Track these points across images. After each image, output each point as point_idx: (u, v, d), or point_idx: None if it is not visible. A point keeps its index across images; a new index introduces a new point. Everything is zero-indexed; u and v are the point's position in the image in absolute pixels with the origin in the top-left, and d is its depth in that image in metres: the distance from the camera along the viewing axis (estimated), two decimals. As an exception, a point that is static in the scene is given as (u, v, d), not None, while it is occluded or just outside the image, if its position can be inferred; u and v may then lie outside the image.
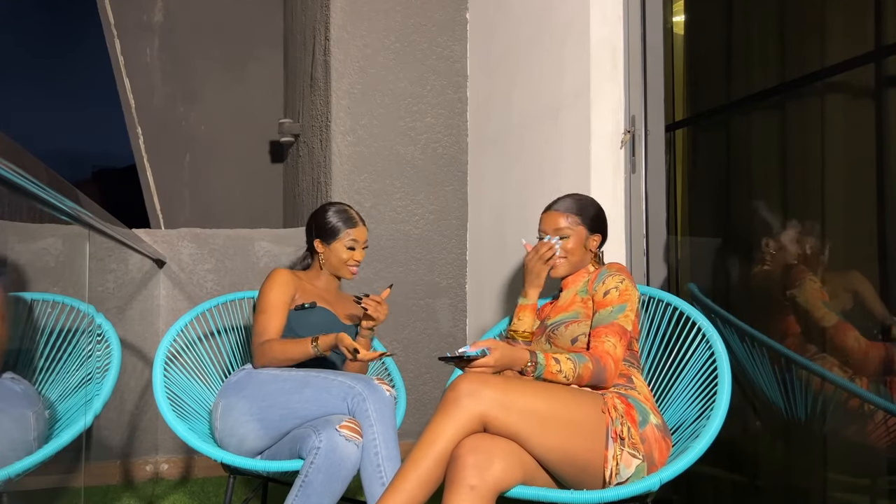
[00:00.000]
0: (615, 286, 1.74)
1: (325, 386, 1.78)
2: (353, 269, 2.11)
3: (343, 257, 2.08)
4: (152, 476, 2.75)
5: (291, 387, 1.81)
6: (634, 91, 2.20)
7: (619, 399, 1.58)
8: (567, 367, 1.59)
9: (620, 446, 1.50)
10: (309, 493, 1.64)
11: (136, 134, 4.29)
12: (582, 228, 1.87)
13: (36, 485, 1.80)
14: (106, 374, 1.91)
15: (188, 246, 2.82)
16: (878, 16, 1.70)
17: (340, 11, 2.98)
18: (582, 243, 1.87)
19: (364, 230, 2.12)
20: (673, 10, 2.28)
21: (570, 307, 1.81)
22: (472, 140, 3.12)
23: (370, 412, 1.73)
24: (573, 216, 1.87)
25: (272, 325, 1.95)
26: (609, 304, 1.72)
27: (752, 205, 2.05)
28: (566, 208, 1.88)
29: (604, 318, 1.71)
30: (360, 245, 2.11)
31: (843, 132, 1.83)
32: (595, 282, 1.79)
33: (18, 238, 2.30)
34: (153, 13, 4.32)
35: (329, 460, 1.65)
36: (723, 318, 2.02)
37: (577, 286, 1.86)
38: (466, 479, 1.39)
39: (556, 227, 1.87)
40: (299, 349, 1.87)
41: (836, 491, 1.83)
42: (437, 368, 3.05)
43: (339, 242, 2.08)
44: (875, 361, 1.69)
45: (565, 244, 1.85)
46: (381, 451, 1.70)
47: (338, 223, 2.08)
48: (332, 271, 2.12)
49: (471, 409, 1.46)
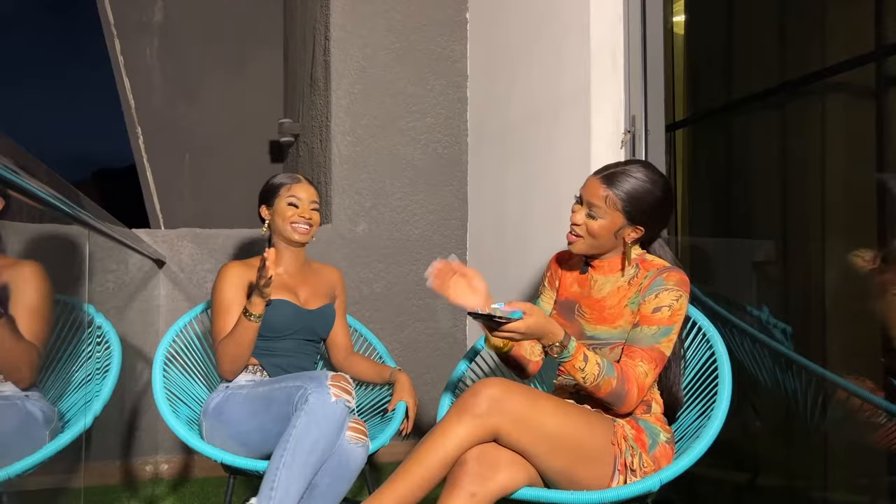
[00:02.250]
0: (668, 304, 1.52)
1: (285, 398, 1.69)
2: (301, 227, 1.94)
3: (286, 214, 1.93)
4: (152, 476, 2.75)
5: (260, 407, 1.74)
6: (634, 91, 2.20)
7: (629, 424, 1.54)
8: (591, 372, 1.46)
9: (631, 476, 1.48)
10: (316, 494, 1.64)
11: (136, 134, 4.29)
12: (618, 215, 1.56)
13: (36, 485, 1.79)
14: (106, 375, 1.91)
15: (188, 246, 2.82)
16: (878, 16, 1.70)
17: (340, 11, 2.98)
18: (611, 232, 1.58)
19: (310, 188, 1.97)
20: (673, 10, 2.28)
21: (617, 321, 1.58)
22: (472, 140, 3.12)
23: (303, 410, 1.62)
24: (614, 199, 1.55)
25: (226, 322, 1.86)
26: (656, 324, 1.52)
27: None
28: (612, 183, 1.56)
29: (645, 338, 1.52)
30: (304, 202, 1.94)
31: (844, 132, 1.82)
32: (647, 290, 1.55)
33: (18, 238, 2.30)
34: (153, 13, 4.32)
35: (336, 462, 1.65)
36: (723, 319, 2.01)
37: (617, 278, 1.63)
38: (468, 486, 1.38)
39: (589, 201, 1.59)
40: (241, 330, 1.78)
41: (837, 491, 1.83)
42: (437, 368, 3.05)
43: (281, 200, 1.94)
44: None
45: (590, 224, 1.58)
46: (286, 452, 1.58)
47: (277, 181, 1.97)
48: (281, 237, 1.97)
49: (487, 420, 1.41)
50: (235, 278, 1.90)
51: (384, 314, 2.99)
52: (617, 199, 1.55)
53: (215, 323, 1.88)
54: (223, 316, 1.87)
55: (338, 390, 1.65)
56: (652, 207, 1.57)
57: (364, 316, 2.93)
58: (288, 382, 1.74)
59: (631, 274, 1.62)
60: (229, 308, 1.87)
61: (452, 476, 1.41)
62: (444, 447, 1.42)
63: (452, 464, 1.43)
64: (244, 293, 1.90)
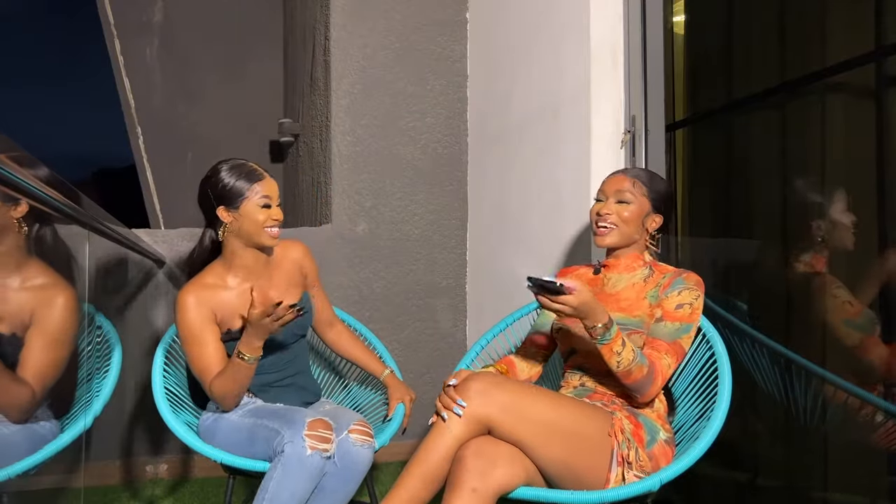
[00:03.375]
0: (690, 302, 1.60)
1: (265, 438, 1.65)
2: (274, 230, 1.75)
3: (259, 219, 1.72)
4: (152, 476, 2.75)
5: (244, 440, 1.71)
6: (634, 91, 2.20)
7: (627, 419, 1.55)
8: (626, 357, 1.49)
9: (628, 469, 1.49)
10: (323, 496, 1.65)
11: (136, 134, 4.28)
12: (645, 200, 1.69)
13: (36, 485, 1.79)
14: (106, 375, 1.91)
15: (188, 246, 2.81)
16: (878, 16, 1.70)
17: (340, 11, 2.98)
18: (641, 217, 1.69)
19: (273, 183, 1.78)
20: (673, 10, 2.28)
21: (635, 311, 1.63)
22: (472, 140, 3.12)
23: (280, 462, 1.58)
24: (640, 184, 1.69)
25: (206, 355, 1.73)
26: (678, 320, 1.58)
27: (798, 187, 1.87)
28: (635, 174, 1.72)
29: (669, 332, 1.58)
30: (274, 200, 1.76)
31: (844, 132, 1.82)
32: (669, 287, 1.63)
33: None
34: (153, 13, 4.32)
35: (343, 465, 1.66)
36: (723, 319, 2.01)
37: (632, 276, 1.70)
38: (468, 482, 1.39)
39: (617, 189, 1.69)
40: (240, 371, 1.67)
41: (837, 491, 1.83)
42: (436, 368, 3.05)
43: (249, 202, 1.73)
44: None
45: (621, 210, 1.68)
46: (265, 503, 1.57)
47: (239, 180, 1.74)
48: (249, 241, 1.75)
49: (478, 410, 1.45)
50: (197, 305, 1.73)
51: (384, 314, 3.00)
52: (643, 185, 1.69)
53: (194, 358, 1.74)
54: (200, 348, 1.73)
55: (314, 441, 1.58)
56: (668, 195, 1.72)
57: (364, 316, 2.93)
58: (268, 422, 1.68)
59: (646, 274, 1.69)
60: (202, 337, 1.72)
61: (452, 475, 1.43)
62: (442, 444, 1.45)
63: (451, 458, 1.44)
64: (211, 315, 1.75)
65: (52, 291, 1.71)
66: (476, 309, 3.06)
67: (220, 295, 1.77)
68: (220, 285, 1.78)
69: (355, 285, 2.95)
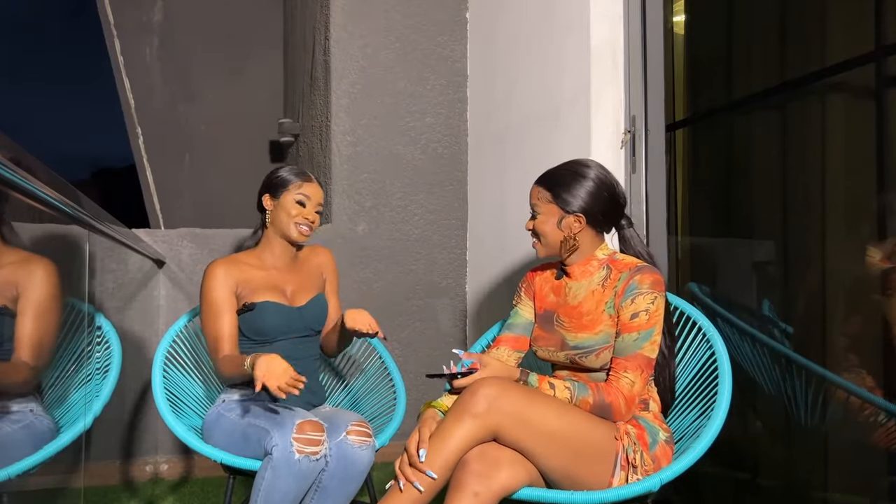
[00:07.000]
0: (645, 308, 1.53)
1: (257, 438, 1.67)
2: (303, 228, 1.88)
3: (291, 212, 1.86)
4: (152, 476, 2.75)
5: (239, 440, 1.73)
6: (634, 91, 2.20)
7: (631, 424, 1.55)
8: (562, 395, 1.50)
9: (633, 474, 1.49)
10: (325, 496, 1.65)
11: (136, 134, 4.28)
12: (552, 206, 1.61)
13: (36, 485, 1.80)
14: (106, 375, 1.91)
15: (188, 246, 2.82)
16: (878, 16, 1.70)
17: (340, 11, 2.98)
18: (555, 225, 1.62)
19: (318, 189, 1.91)
20: (673, 10, 2.28)
21: (597, 327, 1.58)
22: (472, 140, 3.12)
23: (269, 463, 1.60)
24: (543, 191, 1.64)
25: (219, 326, 1.81)
26: (636, 330, 1.53)
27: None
28: (539, 181, 1.66)
29: (627, 346, 1.53)
30: (311, 203, 1.88)
31: (844, 132, 1.82)
32: (623, 295, 1.55)
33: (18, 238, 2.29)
34: (153, 13, 4.32)
35: (342, 465, 1.65)
36: (723, 318, 2.01)
37: (590, 282, 1.63)
38: (471, 486, 1.39)
39: (531, 202, 1.67)
40: (237, 368, 1.71)
41: (837, 491, 1.83)
42: (437, 368, 3.04)
43: (289, 195, 1.87)
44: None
45: (536, 224, 1.65)
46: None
47: (289, 175, 1.89)
48: (280, 231, 1.89)
49: (486, 420, 1.43)
50: (223, 277, 1.84)
51: (384, 314, 2.99)
52: (544, 190, 1.63)
53: (208, 325, 1.83)
54: (216, 318, 1.82)
55: (301, 444, 1.58)
56: (581, 191, 1.59)
57: (364, 316, 2.92)
58: (259, 422, 1.69)
59: (603, 276, 1.62)
60: (221, 309, 1.82)
61: (455, 478, 1.42)
62: (447, 449, 1.43)
63: (455, 464, 1.44)
64: (234, 291, 1.85)
65: (31, 265, 1.79)
66: (476, 309, 3.06)
67: (247, 272, 1.88)
68: (248, 263, 1.91)
69: (355, 285, 2.95)
